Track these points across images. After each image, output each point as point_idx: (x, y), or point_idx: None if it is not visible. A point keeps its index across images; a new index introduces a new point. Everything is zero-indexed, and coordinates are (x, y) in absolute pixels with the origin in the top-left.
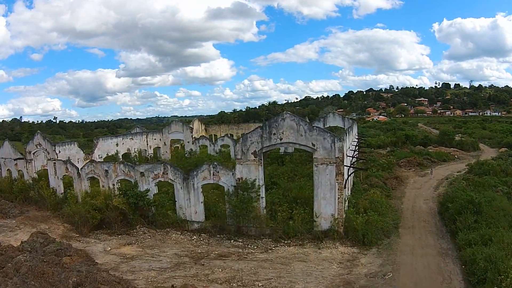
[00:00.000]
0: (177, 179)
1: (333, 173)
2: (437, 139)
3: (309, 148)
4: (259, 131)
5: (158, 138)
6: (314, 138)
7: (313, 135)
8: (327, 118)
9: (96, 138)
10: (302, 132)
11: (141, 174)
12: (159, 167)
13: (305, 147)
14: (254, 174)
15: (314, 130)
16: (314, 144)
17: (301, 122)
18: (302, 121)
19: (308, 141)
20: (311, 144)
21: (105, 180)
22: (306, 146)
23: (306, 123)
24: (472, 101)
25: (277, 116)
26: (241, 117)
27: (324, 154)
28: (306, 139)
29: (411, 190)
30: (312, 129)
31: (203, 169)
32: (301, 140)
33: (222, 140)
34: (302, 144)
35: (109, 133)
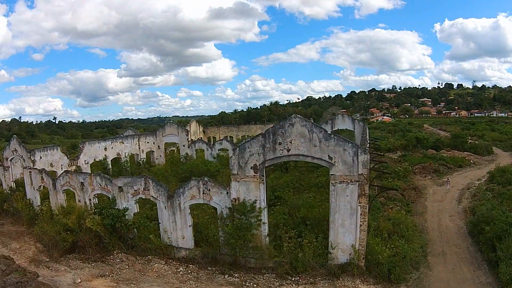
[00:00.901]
0: (160, 197)
1: (354, 194)
2: (449, 143)
3: (324, 162)
4: (260, 139)
5: (151, 141)
6: (332, 150)
7: (330, 145)
8: (336, 120)
9: (82, 142)
10: (316, 141)
11: (119, 189)
12: (140, 181)
13: (319, 161)
14: (254, 194)
15: (332, 139)
16: (332, 157)
17: (314, 129)
18: (316, 127)
19: (323, 153)
20: (327, 157)
21: (81, 194)
22: (321, 160)
23: (321, 130)
24: (477, 101)
25: (284, 121)
26: (242, 118)
27: (344, 170)
28: (321, 150)
29: (432, 204)
30: (329, 138)
31: (190, 186)
32: (315, 151)
33: (220, 144)
34: (316, 157)
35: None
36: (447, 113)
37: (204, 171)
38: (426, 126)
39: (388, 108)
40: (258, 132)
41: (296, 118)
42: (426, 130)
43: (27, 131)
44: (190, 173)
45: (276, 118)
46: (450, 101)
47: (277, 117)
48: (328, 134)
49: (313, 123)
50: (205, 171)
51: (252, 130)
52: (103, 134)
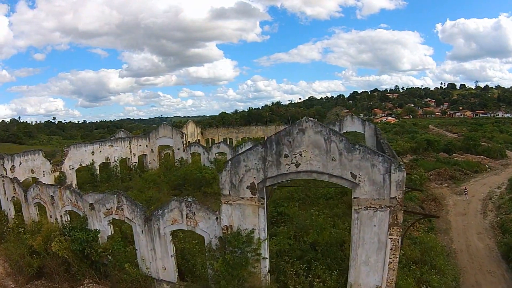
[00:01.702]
0: (136, 219)
1: (384, 223)
2: (461, 145)
3: (346, 181)
4: (259, 150)
5: (144, 144)
6: (356, 165)
7: (355, 159)
8: (344, 122)
9: (66, 145)
10: (335, 153)
11: (90, 206)
12: (112, 198)
13: (339, 180)
14: (251, 221)
15: (357, 150)
16: (356, 175)
17: (333, 137)
18: (335, 134)
19: (345, 170)
20: (349, 175)
21: (52, 210)
22: (341, 179)
23: (342, 139)
24: (482, 102)
25: (292, 126)
26: (243, 118)
27: (371, 192)
28: (342, 166)
29: (455, 218)
30: (353, 149)
31: (171, 208)
32: (333, 167)
33: (218, 147)
34: (335, 174)
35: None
36: (452, 114)
37: (198, 179)
38: (432, 127)
39: (391, 108)
40: (259, 134)
41: (308, 122)
42: (432, 131)
43: (25, 132)
44: (183, 180)
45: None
46: (454, 102)
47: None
48: (351, 144)
49: (331, 129)
50: (200, 178)
51: (252, 132)
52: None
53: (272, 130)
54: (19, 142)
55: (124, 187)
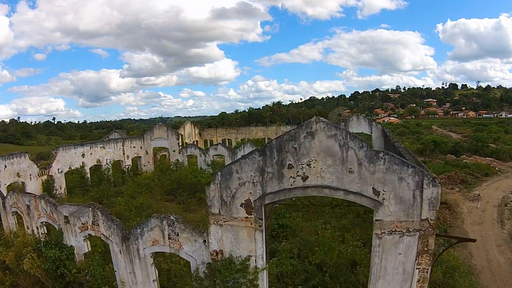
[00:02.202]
0: (113, 237)
1: (412, 250)
2: (469, 147)
3: (366, 199)
4: (256, 159)
5: (138, 146)
6: (380, 179)
7: (378, 171)
8: (350, 123)
9: (55, 147)
10: (354, 163)
11: (65, 219)
12: (87, 212)
13: (357, 197)
14: (246, 247)
15: (381, 160)
16: (379, 191)
17: (351, 143)
18: (354, 139)
19: (365, 185)
20: (371, 191)
21: (29, 220)
22: (360, 196)
23: (362, 145)
24: (484, 102)
25: (298, 128)
26: (243, 119)
27: (398, 212)
28: (362, 179)
29: (472, 228)
30: (376, 159)
31: (151, 226)
32: (351, 181)
33: (215, 149)
34: (353, 190)
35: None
36: (455, 114)
37: (194, 183)
38: (435, 128)
39: (393, 108)
40: (260, 135)
41: (319, 123)
42: (436, 131)
43: (23, 132)
44: (178, 185)
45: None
46: (456, 102)
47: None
48: (374, 152)
49: (348, 133)
50: (195, 183)
51: (252, 132)
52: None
53: (272, 131)
54: (16, 143)
55: (115, 192)
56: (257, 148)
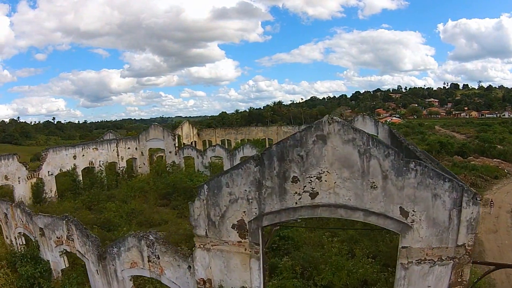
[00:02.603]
0: (88, 254)
1: (443, 283)
2: (475, 148)
3: (392, 221)
4: (251, 169)
5: (133, 147)
6: (409, 196)
7: (407, 185)
8: (355, 123)
9: (45, 149)
10: (377, 176)
11: (40, 231)
12: (61, 225)
13: (380, 219)
14: (239, 276)
15: (411, 172)
16: (407, 211)
17: (374, 149)
18: (378, 145)
19: (391, 203)
20: (397, 212)
21: (7, 229)
22: (384, 218)
23: (388, 152)
24: (487, 102)
25: (306, 132)
26: (244, 119)
27: (429, 237)
28: (387, 196)
29: (487, 237)
30: (406, 170)
31: (128, 247)
32: (373, 199)
33: (213, 150)
34: (376, 211)
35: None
36: (457, 114)
37: (189, 187)
38: (438, 128)
39: (394, 108)
40: (260, 135)
41: (333, 124)
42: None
43: (21, 132)
44: (173, 189)
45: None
46: (458, 102)
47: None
48: (403, 162)
49: (370, 137)
50: (191, 186)
51: (253, 133)
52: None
53: (273, 131)
54: (15, 143)
55: (106, 196)
56: (253, 156)
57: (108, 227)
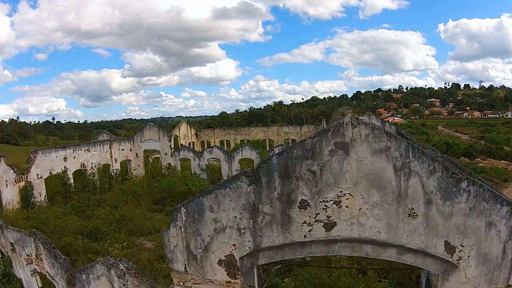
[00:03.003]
0: (57, 277)
1: None
2: (482, 149)
3: (433, 260)
4: (243, 187)
5: (127, 148)
6: (458, 226)
7: (457, 212)
8: None
9: (34, 150)
10: (418, 200)
11: (11, 246)
12: (29, 242)
13: (419, 258)
14: None
15: (463, 193)
16: (454, 245)
17: (415, 163)
18: (420, 156)
19: (434, 236)
20: (442, 247)
21: None
22: (424, 255)
23: (435, 167)
24: (489, 102)
25: (318, 136)
26: (244, 119)
27: (477, 277)
28: (430, 227)
29: None
30: (456, 191)
31: (97, 274)
32: (411, 231)
33: (210, 152)
34: (413, 246)
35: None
36: (459, 114)
37: (184, 192)
38: (441, 128)
39: (396, 108)
40: (260, 136)
41: (359, 126)
42: (442, 132)
43: (20, 132)
44: (167, 193)
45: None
46: (460, 102)
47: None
48: (453, 180)
49: (410, 144)
50: (186, 191)
51: (252, 133)
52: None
53: (274, 132)
54: (13, 143)
55: (97, 200)
56: (245, 171)
57: (96, 236)
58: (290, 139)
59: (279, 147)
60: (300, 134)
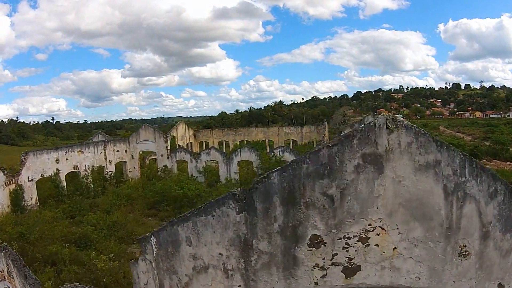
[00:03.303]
0: None
1: None
2: (487, 150)
3: None
4: (231, 215)
5: (122, 150)
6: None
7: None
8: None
9: (24, 152)
10: (473, 233)
11: None
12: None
13: None
14: None
15: None
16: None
17: (472, 182)
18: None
19: (486, 280)
20: None
21: None
22: None
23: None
24: (490, 102)
25: (341, 145)
26: (244, 119)
27: None
28: (483, 268)
29: None
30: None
31: None
32: (459, 275)
33: (208, 154)
34: None
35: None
36: (461, 114)
37: (179, 196)
38: (443, 128)
39: (397, 108)
40: (260, 136)
41: (398, 130)
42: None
43: (18, 133)
44: (162, 197)
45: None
46: (461, 102)
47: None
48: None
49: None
50: (181, 196)
51: (252, 134)
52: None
53: (274, 132)
54: (11, 144)
55: (89, 204)
56: (234, 192)
57: (85, 243)
58: (291, 139)
59: (279, 149)
60: (301, 135)
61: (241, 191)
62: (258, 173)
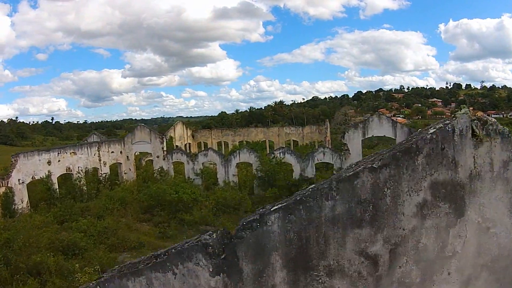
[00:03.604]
0: None
1: None
2: None
3: None
4: (201, 279)
5: (117, 151)
6: None
7: None
8: (370, 124)
9: (15, 154)
10: None
11: None
12: None
13: None
14: None
15: None
16: None
17: None
18: None
19: None
20: None
21: None
22: None
23: None
24: (492, 102)
25: (389, 168)
26: (244, 119)
27: None
28: None
29: None
30: None
31: None
32: None
33: (205, 155)
34: None
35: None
36: None
37: (174, 201)
38: None
39: (398, 108)
40: (260, 137)
41: (491, 139)
42: None
43: (17, 133)
44: (156, 201)
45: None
46: (462, 102)
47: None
48: None
49: None
50: (176, 200)
51: (252, 134)
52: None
53: (274, 132)
54: (10, 144)
55: (80, 209)
56: (206, 239)
57: (73, 251)
58: (292, 140)
59: (280, 150)
60: (302, 135)
61: (217, 239)
62: (257, 176)
